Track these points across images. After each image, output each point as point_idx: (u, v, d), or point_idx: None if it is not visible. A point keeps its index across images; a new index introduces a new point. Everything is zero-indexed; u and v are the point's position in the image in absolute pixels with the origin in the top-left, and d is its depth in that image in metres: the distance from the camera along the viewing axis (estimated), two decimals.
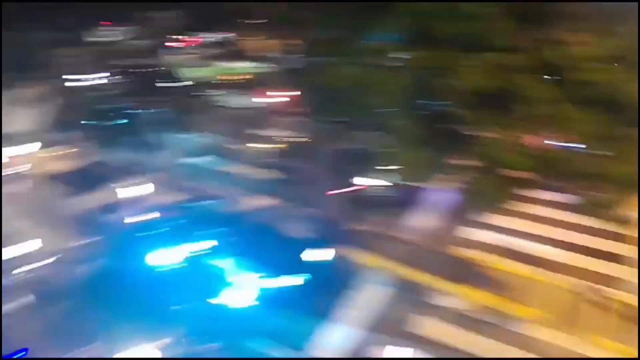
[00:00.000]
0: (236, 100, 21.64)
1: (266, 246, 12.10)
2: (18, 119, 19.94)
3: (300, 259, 12.00)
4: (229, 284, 11.43)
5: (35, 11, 12.30)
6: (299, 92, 12.76)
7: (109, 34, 15.30)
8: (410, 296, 11.38)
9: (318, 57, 12.10)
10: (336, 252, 12.61)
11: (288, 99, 21.48)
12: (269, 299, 11.18)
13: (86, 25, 13.25)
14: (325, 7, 10.63)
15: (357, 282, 11.73)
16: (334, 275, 11.84)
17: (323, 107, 11.94)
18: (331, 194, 13.41)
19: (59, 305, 10.26)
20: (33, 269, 11.14)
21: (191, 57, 15.23)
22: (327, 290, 11.31)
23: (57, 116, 18.71)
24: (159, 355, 9.37)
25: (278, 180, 16.42)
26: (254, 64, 14.28)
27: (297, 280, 11.46)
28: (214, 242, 12.08)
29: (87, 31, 13.86)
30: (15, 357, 9.00)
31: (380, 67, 10.76)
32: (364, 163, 13.53)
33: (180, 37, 14.79)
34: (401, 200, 13.96)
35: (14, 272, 11.26)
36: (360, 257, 12.70)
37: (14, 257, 11.94)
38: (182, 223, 12.83)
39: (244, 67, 14.40)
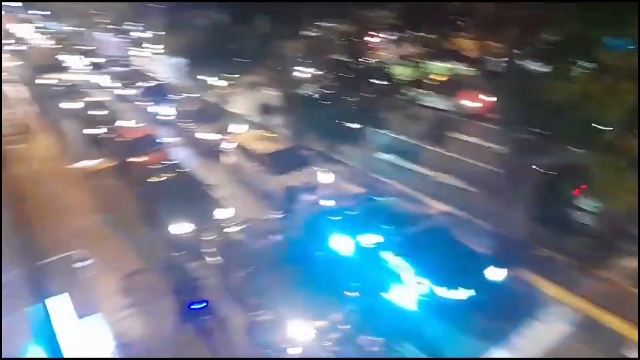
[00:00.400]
0: (436, 102, 21.41)
1: (439, 253, 11.69)
2: (239, 102, 22.99)
3: (473, 273, 11.30)
4: (399, 281, 11.41)
5: (260, 6, 13.75)
6: (497, 98, 11.87)
7: (325, 29, 16.26)
8: (597, 342, 9.81)
9: (534, 61, 11.11)
10: (514, 275, 11.56)
11: (488, 104, 20.40)
12: (432, 307, 10.83)
13: (304, 20, 14.34)
14: (549, 6, 9.59)
15: (533, 312, 10.57)
16: (506, 298, 10.87)
17: (526, 117, 10.90)
18: (519, 211, 12.24)
19: (241, 270, 11.48)
20: (225, 233, 12.62)
21: (397, 55, 15.35)
22: (495, 311, 10.45)
23: (270, 102, 21.14)
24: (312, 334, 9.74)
25: (463, 187, 15.82)
26: (458, 66, 13.79)
27: (465, 294, 10.83)
28: (390, 239, 12.10)
29: (304, 26, 14.98)
30: (196, 305, 10.44)
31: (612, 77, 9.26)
32: (566, 182, 12.08)
33: (388, 34, 14.97)
34: (607, 231, 12.09)
35: (208, 234, 12.88)
36: (542, 285, 11.44)
37: (214, 220, 13.78)
38: (360, 215, 13.12)
39: (447, 68, 14.09)
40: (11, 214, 14.21)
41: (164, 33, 22.53)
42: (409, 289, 11.32)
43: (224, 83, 20.93)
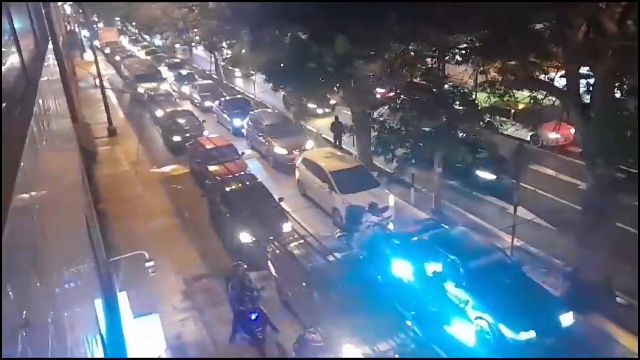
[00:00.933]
0: (515, 130, 20.52)
1: (506, 289, 11.04)
2: (315, 119, 23.26)
3: (541, 314, 10.54)
4: (460, 315, 10.92)
5: (342, 26, 13.87)
6: (583, 131, 11.11)
7: (405, 52, 16.12)
8: None
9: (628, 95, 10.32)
10: (586, 320, 10.66)
11: (571, 136, 19.18)
12: (492, 345, 10.20)
13: (384, 42, 14.30)
14: None
15: None
16: (575, 345, 10.03)
17: (614, 153, 10.09)
18: (599, 253, 11.30)
19: (299, 285, 11.46)
20: (287, 246, 12.68)
21: (478, 81, 14.91)
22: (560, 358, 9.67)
23: (343, 121, 21.26)
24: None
25: (539, 222, 14.92)
26: (541, 94, 13.10)
27: (529, 335, 10.12)
28: (455, 269, 11.64)
29: (384, 47, 14.95)
30: (252, 316, 10.51)
31: None
32: None
33: (470, 59, 14.56)
34: None
35: (271, 246, 12.99)
36: (618, 334, 10.52)
37: (279, 232, 13.93)
38: (426, 241, 12.73)
39: (530, 96, 13.38)
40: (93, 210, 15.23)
41: (247, 49, 23.41)
42: (469, 324, 10.80)
43: (300, 100, 21.33)
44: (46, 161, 4.17)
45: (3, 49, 3.64)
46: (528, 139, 20.69)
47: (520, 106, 19.13)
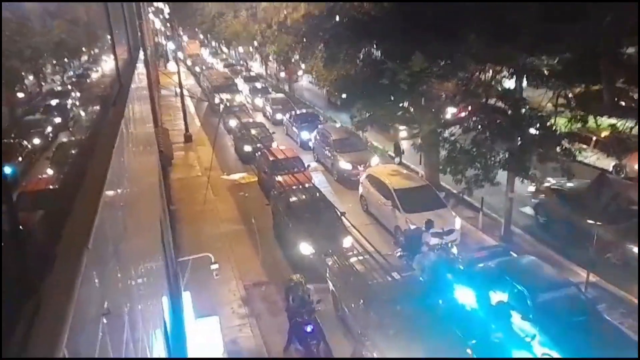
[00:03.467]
0: (597, 159, 19.29)
1: (576, 326, 10.34)
2: (382, 136, 23.14)
3: (614, 357, 9.75)
4: (525, 348, 10.36)
5: (418, 44, 13.79)
6: None
7: (481, 72, 15.75)
8: None
9: None
10: None
11: None
12: None
13: (460, 61, 14.04)
14: None
15: None
16: None
17: None
18: None
19: (357, 301, 11.34)
20: (347, 261, 12.63)
21: (557, 105, 14.26)
22: None
23: (412, 139, 20.99)
24: None
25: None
26: (628, 122, 12.31)
27: None
28: (521, 300, 11.08)
29: (460, 67, 14.67)
30: (308, 327, 10.51)
31: None
32: None
33: (550, 82, 14.00)
34: None
35: (331, 260, 12.99)
36: None
37: (340, 246, 13.89)
38: (492, 269, 12.23)
39: (614, 124, 12.64)
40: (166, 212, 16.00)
41: (321, 65, 23.84)
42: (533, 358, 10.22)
43: (368, 116, 21.36)
44: (130, 161, 4.45)
45: (103, 57, 3.94)
46: (610, 169, 19.39)
47: (603, 134, 18.00)
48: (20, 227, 1.73)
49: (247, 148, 24.17)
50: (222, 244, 15.18)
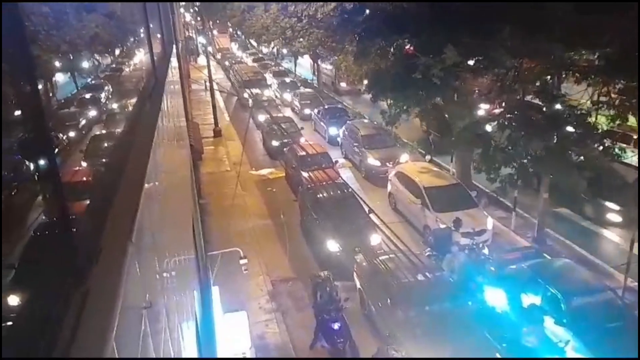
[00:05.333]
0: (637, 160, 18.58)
1: (612, 332, 10.01)
2: (413, 132, 22.83)
3: None
4: (557, 353, 10.07)
5: (452, 38, 13.50)
6: None
7: (518, 67, 15.30)
8: None
9: None
10: None
11: None
12: None
13: (497, 56, 13.64)
14: None
15: None
16: None
17: None
18: None
19: (384, 300, 11.21)
20: (376, 259, 12.50)
21: (597, 102, 13.76)
22: None
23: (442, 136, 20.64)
24: None
25: None
26: None
27: None
28: (555, 304, 10.77)
29: (496, 62, 14.27)
30: (334, 325, 10.43)
31: None
32: None
33: (589, 79, 13.54)
34: None
35: (359, 257, 12.89)
36: None
37: (368, 244, 13.76)
38: (525, 271, 11.92)
39: None
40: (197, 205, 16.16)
41: (351, 59, 23.65)
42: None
43: (399, 111, 21.09)
44: (166, 154, 4.44)
45: (138, 50, 3.93)
46: None
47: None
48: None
49: (276, 143, 24.21)
50: (250, 239, 15.25)
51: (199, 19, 66.53)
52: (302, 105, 32.06)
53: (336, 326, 10.49)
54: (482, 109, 17.59)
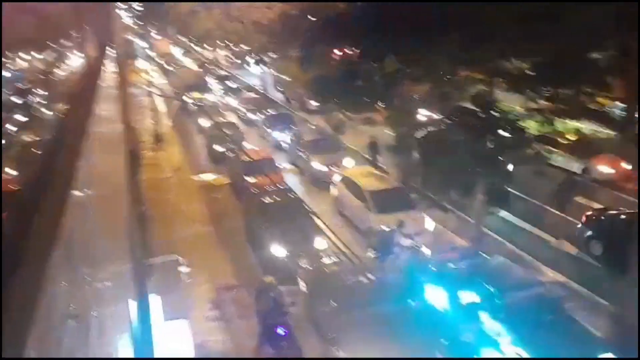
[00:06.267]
0: (565, 162, 19.79)
1: (545, 326, 10.55)
2: (356, 137, 23.25)
3: (582, 356, 10.00)
4: (494, 348, 10.51)
5: (393, 46, 13.89)
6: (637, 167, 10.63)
7: (455, 75, 15.93)
8: None
9: None
10: None
11: (625, 172, 18.33)
12: None
13: (434, 63, 14.18)
14: None
15: None
16: None
17: None
18: None
19: (328, 303, 11.32)
20: (320, 263, 12.64)
21: (528, 109, 14.55)
22: None
23: (385, 141, 21.15)
24: None
25: (585, 259, 14.25)
26: (595, 126, 12.69)
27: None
28: (491, 300, 11.24)
29: (433, 69, 14.82)
30: (279, 330, 10.42)
31: None
32: None
33: (521, 86, 14.28)
34: None
35: (304, 261, 12.96)
36: None
37: (313, 248, 13.85)
38: (462, 269, 12.39)
39: (581, 128, 13.00)
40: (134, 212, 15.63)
41: (296, 65, 23.77)
42: (503, 358, 10.38)
43: (344, 117, 21.43)
44: (99, 161, 4.30)
45: (72, 53, 3.78)
46: (579, 171, 19.92)
47: (571, 137, 18.50)
48: None
49: (219, 148, 23.87)
50: (193, 246, 14.91)
51: (139, 22, 64.62)
52: (247, 111, 31.84)
53: (281, 331, 10.46)
54: (423, 115, 18.21)
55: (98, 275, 3.73)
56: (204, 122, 27.72)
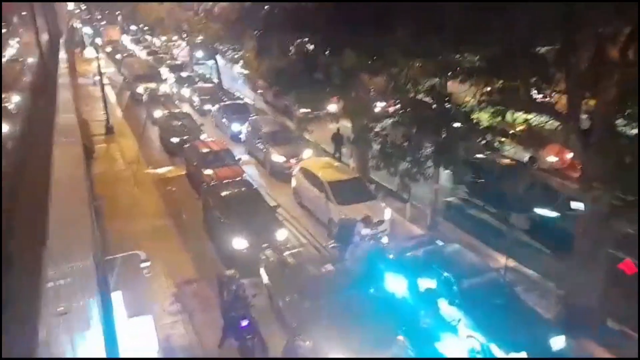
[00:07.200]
0: (514, 151, 20.63)
1: (498, 309, 11.09)
2: (314, 129, 23.31)
3: (532, 336, 10.58)
4: (452, 332, 10.92)
5: (350, 40, 13.97)
6: (581, 156, 11.25)
7: (410, 68, 16.17)
8: None
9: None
10: (577, 345, 10.70)
11: (568, 161, 19.35)
12: None
13: (390, 57, 14.36)
14: None
15: None
16: None
17: (613, 179, 10.23)
18: (593, 278, 11.37)
19: (290, 294, 11.42)
20: (281, 255, 12.70)
21: (479, 101, 15.00)
22: None
23: (343, 133, 21.36)
24: None
25: (534, 245, 14.97)
26: (541, 117, 13.24)
27: (519, 356, 10.14)
28: (448, 286, 11.65)
29: (390, 63, 15.00)
30: (242, 322, 10.43)
31: None
32: None
33: (473, 78, 14.68)
34: None
35: (264, 254, 13.00)
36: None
37: (273, 240, 13.88)
38: (419, 257, 12.76)
39: (529, 119, 13.52)
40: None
41: (251, 55, 23.49)
42: (460, 342, 10.81)
43: (302, 109, 21.41)
44: (59, 153, 4.17)
45: (12, 39, 3.64)
46: (525, 160, 20.87)
47: (519, 128, 19.27)
48: None
49: (174, 140, 23.36)
50: (150, 241, 14.62)
51: (84, 8, 61.95)
52: (202, 101, 31.25)
53: (244, 323, 10.46)
54: (379, 107, 18.44)
55: (61, 273, 3.65)
56: (157, 113, 27.01)
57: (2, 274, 1.28)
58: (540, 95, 12.77)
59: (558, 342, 10.62)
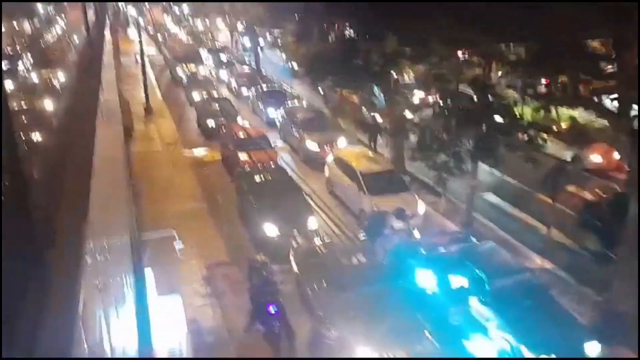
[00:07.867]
0: (558, 149, 19.91)
1: (531, 311, 10.75)
2: (351, 117, 23.09)
3: (566, 341, 10.24)
4: (482, 332, 10.69)
5: (393, 25, 13.70)
6: (630, 157, 10.74)
7: (453, 57, 15.81)
8: None
9: None
10: (612, 352, 10.30)
11: (615, 161, 18.51)
12: None
13: (433, 45, 14.03)
14: None
15: None
16: None
17: None
18: (631, 284, 10.89)
19: (320, 283, 11.39)
20: (312, 243, 12.67)
21: (523, 94, 14.56)
22: None
23: (380, 122, 21.07)
24: None
25: (571, 247, 14.45)
26: (589, 115, 12.74)
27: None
28: (480, 285, 11.39)
29: (432, 51, 14.66)
30: (270, 309, 10.47)
31: None
32: None
33: (519, 72, 14.25)
34: None
35: (296, 241, 12.96)
36: None
37: (305, 228, 13.85)
38: (452, 254, 12.51)
39: (576, 116, 13.04)
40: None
41: (292, 40, 23.39)
42: (490, 342, 10.57)
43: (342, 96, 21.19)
44: (100, 132, 4.20)
45: (59, 17, 3.64)
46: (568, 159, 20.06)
47: (564, 125, 18.57)
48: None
49: (211, 123, 23.60)
50: (184, 222, 14.83)
51: None
52: (240, 85, 31.43)
53: (272, 309, 10.49)
54: (418, 97, 18.11)
55: (100, 248, 3.68)
56: (196, 95, 27.33)
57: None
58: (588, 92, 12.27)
59: (592, 348, 10.26)
